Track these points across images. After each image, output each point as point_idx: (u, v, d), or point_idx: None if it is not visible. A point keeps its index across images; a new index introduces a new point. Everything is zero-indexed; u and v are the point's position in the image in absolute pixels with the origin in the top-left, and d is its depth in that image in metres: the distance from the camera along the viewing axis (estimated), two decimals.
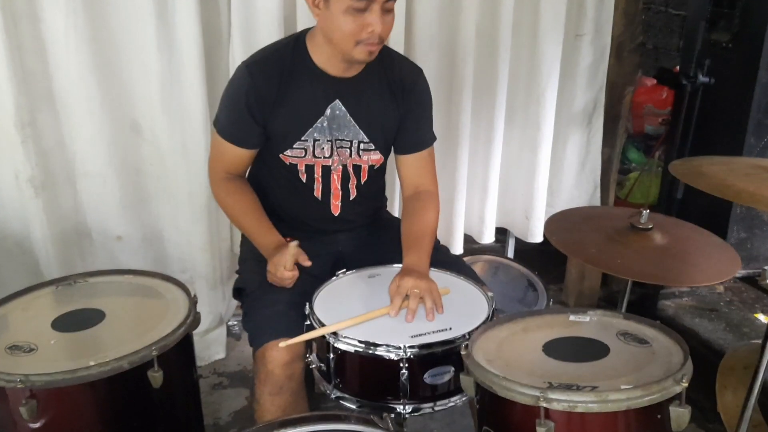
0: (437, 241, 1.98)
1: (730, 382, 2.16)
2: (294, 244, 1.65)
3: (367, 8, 1.56)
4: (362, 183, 1.87)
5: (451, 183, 2.72)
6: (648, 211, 1.69)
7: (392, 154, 1.93)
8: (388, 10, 1.59)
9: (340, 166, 1.82)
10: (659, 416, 1.23)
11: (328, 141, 1.78)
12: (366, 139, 1.81)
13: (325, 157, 1.80)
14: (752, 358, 2.11)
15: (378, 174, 1.91)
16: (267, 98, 1.71)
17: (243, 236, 2.01)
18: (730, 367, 2.20)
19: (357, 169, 1.85)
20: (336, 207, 1.87)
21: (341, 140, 1.79)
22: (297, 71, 1.73)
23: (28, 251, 2.22)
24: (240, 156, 1.80)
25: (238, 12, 2.22)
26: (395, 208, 2.68)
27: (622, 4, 2.68)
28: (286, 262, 1.65)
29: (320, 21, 1.65)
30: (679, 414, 1.22)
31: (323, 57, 1.72)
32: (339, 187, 1.85)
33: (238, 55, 2.20)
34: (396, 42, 2.37)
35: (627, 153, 3.56)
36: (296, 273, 1.67)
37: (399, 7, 2.38)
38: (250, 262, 1.88)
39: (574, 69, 2.74)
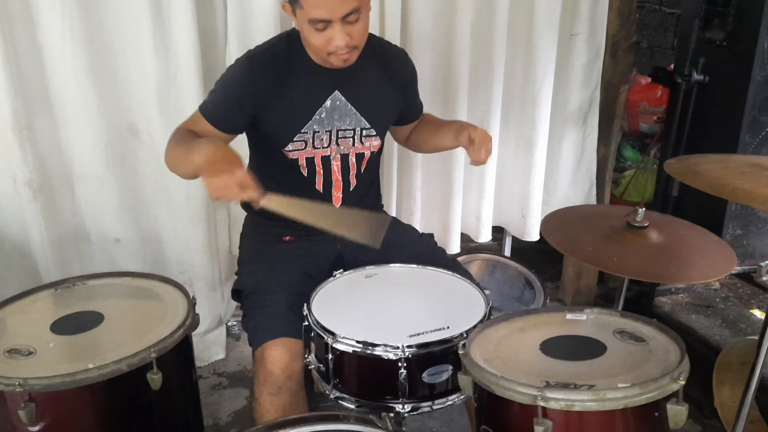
0: (435, 243, 2.00)
1: (727, 378, 2.17)
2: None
3: (327, 27, 1.59)
4: (362, 171, 1.89)
5: (448, 182, 2.73)
6: (644, 209, 1.69)
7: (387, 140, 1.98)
8: (351, 22, 1.61)
9: (339, 155, 1.84)
10: (657, 414, 1.23)
11: (326, 131, 1.80)
12: (367, 126, 1.84)
13: (323, 147, 1.82)
14: (749, 354, 2.12)
15: (376, 160, 1.95)
16: (263, 91, 1.73)
17: (242, 236, 2.02)
18: (727, 363, 2.21)
19: (360, 157, 1.87)
20: (337, 199, 1.89)
21: (343, 130, 1.82)
22: (293, 65, 1.75)
23: (26, 254, 2.22)
24: (208, 133, 1.74)
25: (235, 14, 2.22)
26: (392, 207, 2.69)
27: (617, 3, 2.68)
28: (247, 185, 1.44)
29: (297, 27, 1.70)
30: (677, 411, 1.23)
31: None
32: (340, 179, 1.87)
33: (234, 57, 2.18)
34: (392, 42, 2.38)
35: (622, 151, 3.58)
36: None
37: (394, 8, 2.40)
38: (249, 264, 1.89)
39: (569, 68, 2.75)
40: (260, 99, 1.73)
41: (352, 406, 1.53)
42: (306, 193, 1.86)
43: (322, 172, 1.85)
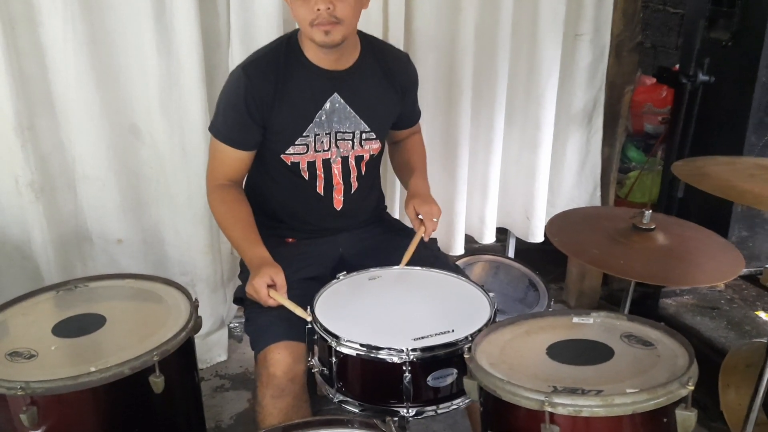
0: (438, 248, 1.99)
1: (732, 381, 2.16)
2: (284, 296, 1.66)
3: None
4: (362, 174, 1.89)
5: (452, 183, 2.71)
6: (650, 211, 1.68)
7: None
8: None
9: (339, 158, 1.83)
10: (665, 420, 1.22)
11: (327, 134, 1.80)
12: (367, 129, 1.84)
13: (324, 150, 1.81)
14: (755, 357, 2.11)
15: (376, 162, 1.94)
16: (265, 98, 1.72)
17: None
18: (733, 365, 2.20)
19: (359, 159, 1.87)
20: (338, 201, 1.88)
21: (342, 132, 1.81)
22: (292, 69, 1.74)
23: (28, 256, 2.21)
24: (240, 159, 1.80)
25: (237, 15, 2.21)
26: (395, 209, 2.68)
27: (621, 4, 2.67)
28: (267, 294, 1.65)
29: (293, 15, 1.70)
30: (686, 417, 1.21)
31: (314, 52, 1.74)
32: (341, 181, 1.86)
33: (237, 58, 2.19)
34: (395, 43, 2.37)
35: (627, 152, 3.57)
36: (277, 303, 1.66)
37: (397, 8, 2.39)
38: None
39: (574, 69, 2.74)
40: (265, 106, 1.73)
41: (356, 410, 1.51)
42: (307, 196, 1.86)
43: (323, 175, 1.84)
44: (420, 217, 1.81)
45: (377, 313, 1.61)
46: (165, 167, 2.32)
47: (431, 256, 1.92)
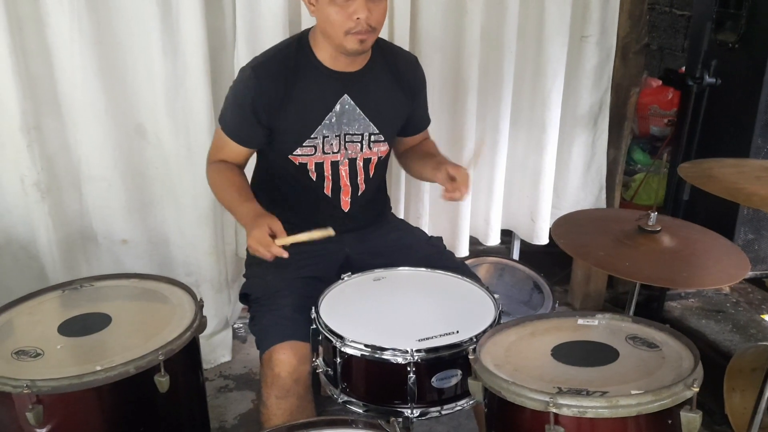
0: (443, 246, 1.99)
1: (738, 385, 2.15)
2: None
3: (349, 0, 1.59)
4: (370, 176, 1.89)
5: None
6: (656, 213, 1.68)
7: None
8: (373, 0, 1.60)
9: (347, 160, 1.83)
10: (670, 421, 1.22)
11: (336, 136, 1.80)
12: (376, 131, 1.83)
13: (333, 153, 1.81)
14: (760, 360, 2.10)
15: (383, 164, 1.94)
16: (274, 100, 1.73)
17: None
18: (738, 369, 2.19)
19: (367, 162, 1.86)
20: (346, 203, 1.88)
21: (351, 134, 1.81)
22: (302, 70, 1.74)
23: (33, 255, 2.22)
24: (241, 153, 1.82)
25: (243, 16, 2.22)
26: (400, 210, 2.68)
27: (628, 5, 2.67)
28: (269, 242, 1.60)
29: (315, 16, 1.69)
30: (690, 419, 1.21)
31: (326, 53, 1.74)
32: (348, 183, 1.86)
33: (243, 58, 2.19)
34: (401, 44, 2.36)
35: (632, 154, 3.55)
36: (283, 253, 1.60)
37: (403, 9, 2.39)
38: (256, 267, 1.87)
39: (580, 70, 2.73)
40: (273, 108, 1.73)
41: (360, 411, 1.52)
42: (314, 197, 1.86)
43: (330, 177, 1.84)
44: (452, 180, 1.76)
45: (382, 313, 1.61)
46: (170, 168, 2.32)
47: (437, 254, 1.92)
